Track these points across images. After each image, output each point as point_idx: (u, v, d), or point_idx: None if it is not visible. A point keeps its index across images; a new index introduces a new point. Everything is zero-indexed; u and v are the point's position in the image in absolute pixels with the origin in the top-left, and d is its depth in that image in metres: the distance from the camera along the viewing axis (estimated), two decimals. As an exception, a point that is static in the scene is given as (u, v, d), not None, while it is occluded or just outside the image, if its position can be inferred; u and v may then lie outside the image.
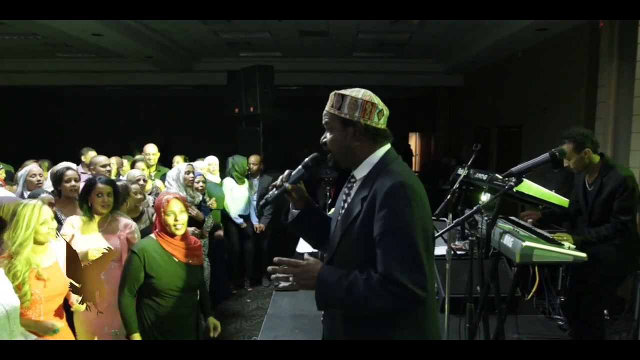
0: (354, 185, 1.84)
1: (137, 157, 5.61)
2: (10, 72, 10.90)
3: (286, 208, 2.07)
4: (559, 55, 7.07)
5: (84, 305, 2.82)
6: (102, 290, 2.80)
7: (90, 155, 5.59)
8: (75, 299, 2.82)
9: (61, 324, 2.55)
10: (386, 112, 1.82)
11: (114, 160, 5.32)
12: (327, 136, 1.84)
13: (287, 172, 1.96)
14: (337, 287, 1.65)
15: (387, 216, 1.64)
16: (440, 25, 7.26)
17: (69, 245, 2.76)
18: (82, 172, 5.09)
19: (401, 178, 1.68)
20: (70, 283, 2.67)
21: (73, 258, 2.74)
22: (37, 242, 2.55)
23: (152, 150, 5.57)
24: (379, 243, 1.65)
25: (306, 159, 1.93)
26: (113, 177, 4.78)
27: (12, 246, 2.47)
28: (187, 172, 4.49)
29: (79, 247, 2.96)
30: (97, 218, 3.22)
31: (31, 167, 4.28)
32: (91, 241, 3.11)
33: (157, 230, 2.92)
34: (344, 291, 1.64)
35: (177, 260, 2.88)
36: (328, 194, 6.01)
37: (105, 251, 2.96)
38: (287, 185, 1.92)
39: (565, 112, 6.76)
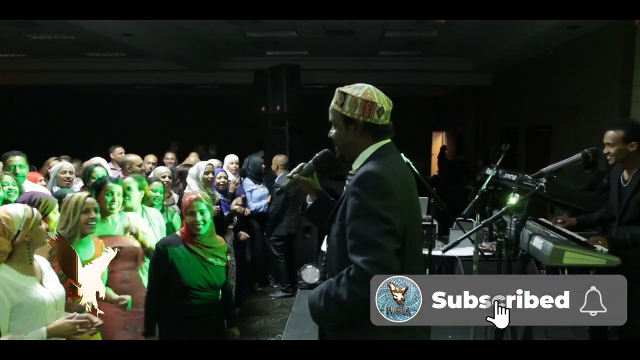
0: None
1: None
2: (44, 72, 11.18)
3: (303, 201, 2.23)
4: (591, 53, 6.88)
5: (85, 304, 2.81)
6: (103, 290, 2.73)
7: (117, 152, 5.68)
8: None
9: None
10: (387, 108, 1.89)
11: (151, 158, 5.40)
12: (332, 132, 1.96)
13: (299, 165, 2.13)
14: (319, 301, 1.77)
15: (352, 204, 1.75)
16: (468, 23, 7.15)
17: (64, 243, 2.54)
18: (112, 169, 5.19)
19: (372, 168, 1.76)
20: (69, 282, 2.63)
21: (70, 256, 2.55)
22: (81, 233, 2.63)
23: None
24: (347, 230, 1.75)
25: (316, 155, 2.09)
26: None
27: (61, 231, 2.55)
28: (207, 172, 4.50)
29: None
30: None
31: (62, 163, 4.27)
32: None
33: (182, 228, 2.97)
34: (323, 301, 1.75)
35: (200, 258, 2.89)
36: None
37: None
38: (296, 176, 2.08)
39: (598, 111, 6.57)
